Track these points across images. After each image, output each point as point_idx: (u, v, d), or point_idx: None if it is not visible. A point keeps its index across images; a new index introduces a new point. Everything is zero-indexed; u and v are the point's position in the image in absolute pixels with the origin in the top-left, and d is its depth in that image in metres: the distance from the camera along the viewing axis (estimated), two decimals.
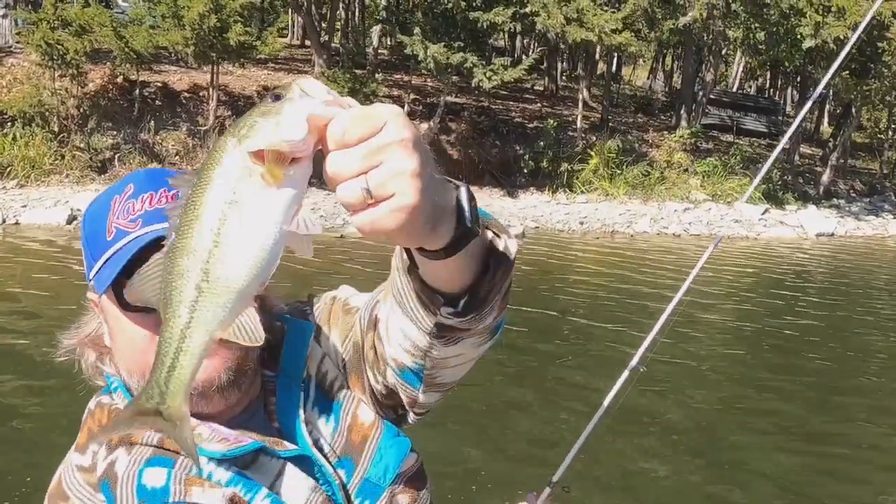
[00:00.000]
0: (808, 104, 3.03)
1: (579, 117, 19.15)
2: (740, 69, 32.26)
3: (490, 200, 17.23)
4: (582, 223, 15.99)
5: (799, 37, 16.54)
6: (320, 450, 1.02)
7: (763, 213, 17.84)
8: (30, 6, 17.43)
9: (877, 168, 24.38)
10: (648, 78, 33.60)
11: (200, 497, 0.91)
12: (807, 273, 13.16)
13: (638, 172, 18.26)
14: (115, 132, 15.25)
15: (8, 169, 13.93)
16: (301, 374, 1.06)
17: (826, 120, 32.00)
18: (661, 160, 18.97)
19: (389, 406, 1.07)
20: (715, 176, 18.74)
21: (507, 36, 29.85)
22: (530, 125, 19.67)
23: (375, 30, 18.78)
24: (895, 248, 17.33)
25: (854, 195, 21.57)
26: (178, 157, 15.53)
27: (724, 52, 25.21)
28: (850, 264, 14.55)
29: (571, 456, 1.62)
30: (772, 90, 35.04)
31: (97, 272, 0.96)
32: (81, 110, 15.05)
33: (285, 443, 0.99)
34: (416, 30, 15.74)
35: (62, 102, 14.81)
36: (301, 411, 1.03)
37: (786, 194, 19.31)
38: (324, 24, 21.58)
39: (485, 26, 15.92)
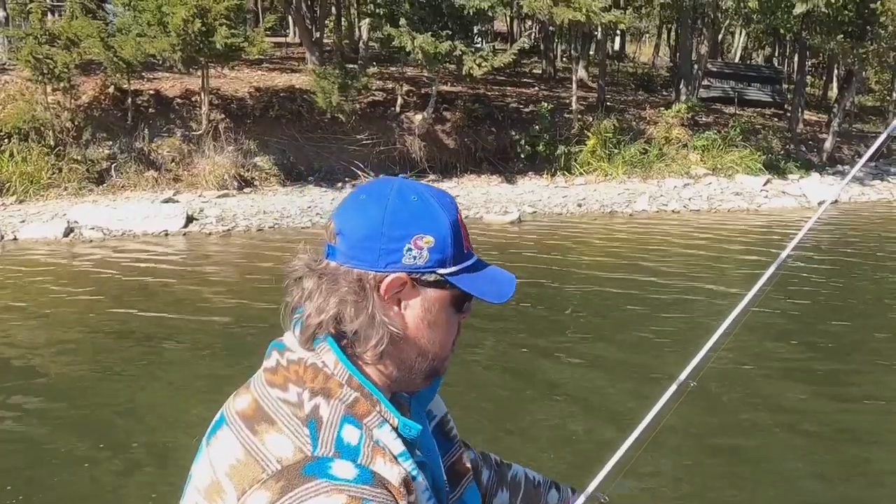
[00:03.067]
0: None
1: (574, 98, 19.03)
2: (742, 40, 31.83)
3: (488, 188, 17.21)
4: (580, 205, 15.92)
5: (789, 3, 16.27)
6: None
7: (764, 185, 17.65)
8: (20, 23, 17.56)
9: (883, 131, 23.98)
10: (653, 54, 33.29)
11: (381, 468, 0.98)
12: (804, 243, 12.99)
13: (636, 151, 18.13)
14: (110, 142, 15.39)
15: (7, 185, 14.11)
16: (426, 404, 1.23)
17: (835, 85, 31.59)
18: (660, 137, 18.81)
19: None
20: (714, 149, 18.56)
21: (508, 20, 29.76)
22: (526, 110, 19.59)
23: (365, 23, 18.75)
24: None
25: (859, 160, 21.23)
26: (173, 163, 15.64)
27: (725, 23, 24.90)
28: (850, 230, 14.37)
29: (610, 466, 1.53)
30: (781, 58, 34.59)
31: (456, 272, 1.06)
32: (76, 123, 15.20)
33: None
34: (402, 20, 15.67)
35: (56, 116, 14.96)
36: (428, 426, 1.20)
37: (788, 163, 19.08)
38: (315, 21, 21.58)
39: (471, 13, 15.82)
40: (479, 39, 23.48)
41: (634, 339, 7.36)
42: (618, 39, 34.20)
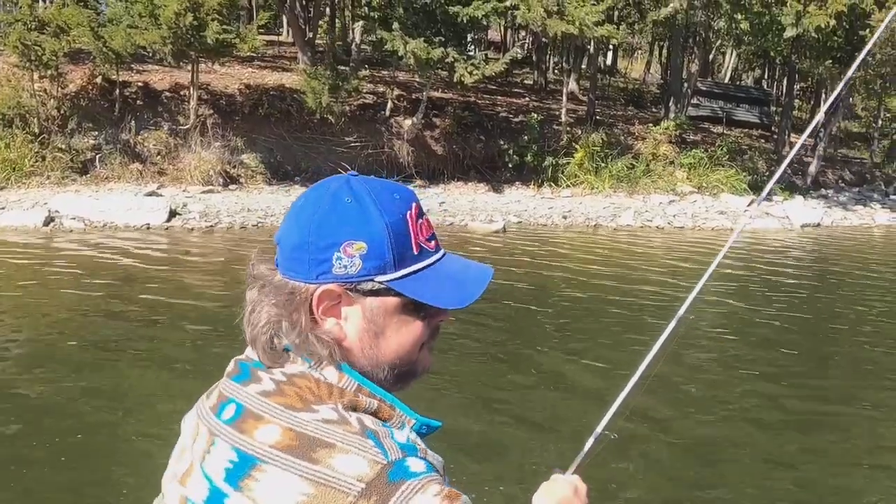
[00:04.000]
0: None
1: (563, 110, 19.10)
2: (732, 61, 32.10)
3: (474, 196, 17.22)
4: (565, 217, 15.95)
5: (780, 26, 16.43)
6: None
7: (749, 205, 17.77)
8: (10, 8, 17.41)
9: (868, 158, 24.29)
10: (644, 71, 33.51)
11: (433, 458, 0.97)
12: (782, 263, 13.11)
13: (623, 166, 18.21)
14: (96, 133, 15.27)
15: None
16: None
17: (823, 109, 31.88)
18: (647, 153, 18.90)
19: None
20: (701, 167, 18.67)
21: (502, 29, 29.86)
22: (515, 119, 19.63)
23: (358, 26, 18.74)
24: (880, 237, 17.23)
25: (843, 185, 21.48)
26: (159, 156, 15.54)
27: (717, 43, 25.11)
28: (829, 253, 14.51)
29: (617, 405, 1.63)
30: (770, 80, 34.93)
31: (399, 278, 0.99)
32: (62, 111, 15.07)
33: None
34: (395, 25, 15.67)
35: (42, 104, 14.83)
36: None
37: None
38: (309, 21, 21.55)
39: (465, 21, 15.84)
40: (473, 47, 23.56)
41: (605, 348, 7.37)
42: (610, 54, 34.41)
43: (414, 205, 1.02)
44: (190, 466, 1.01)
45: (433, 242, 1.03)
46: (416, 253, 1.00)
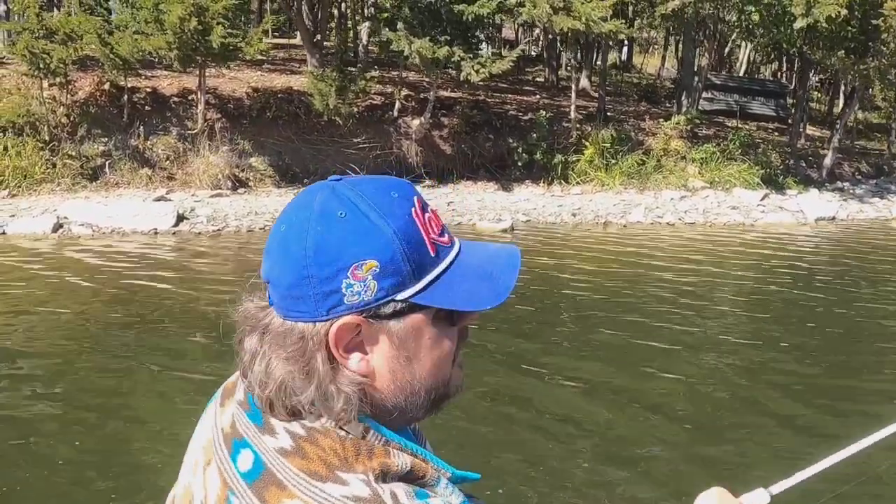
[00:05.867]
0: None
1: (573, 107, 18.97)
2: (747, 53, 31.74)
3: (483, 195, 17.15)
4: (574, 215, 15.84)
5: (791, 17, 16.19)
6: None
7: (762, 199, 17.53)
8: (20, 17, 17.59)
9: (886, 149, 23.91)
10: (659, 66, 33.22)
11: None
12: (794, 257, 12.91)
13: (633, 162, 18.05)
14: (105, 139, 15.39)
15: (0, 179, 14.12)
16: None
17: (841, 101, 31.45)
18: (658, 148, 18.72)
19: None
20: (713, 162, 18.46)
21: (515, 27, 29.75)
22: (525, 117, 19.53)
23: (365, 26, 18.74)
24: None
25: (860, 177, 21.13)
26: (168, 161, 15.63)
27: (732, 36, 24.83)
28: (843, 246, 14.28)
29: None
30: (788, 73, 34.49)
31: (422, 289, 0.86)
32: (71, 118, 15.20)
33: None
34: (400, 24, 15.66)
35: (52, 111, 14.97)
36: None
37: (786, 179, 18.96)
38: (317, 23, 21.59)
39: (470, 19, 15.78)
40: (485, 46, 23.48)
41: (613, 358, 7.29)
42: (625, 50, 34.18)
43: (416, 199, 0.88)
44: None
45: (446, 237, 0.90)
46: (433, 255, 0.87)
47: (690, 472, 4.86)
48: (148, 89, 16.48)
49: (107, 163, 15.16)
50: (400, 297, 0.84)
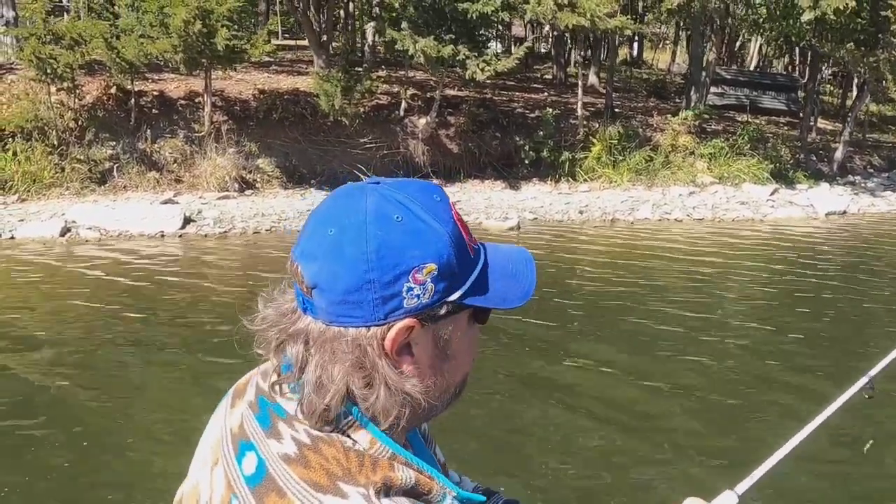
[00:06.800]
0: None
1: (580, 104, 18.89)
2: (757, 47, 31.49)
3: (490, 193, 17.12)
4: (581, 212, 15.77)
5: (798, 10, 16.03)
6: None
7: (771, 194, 17.38)
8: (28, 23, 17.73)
9: None
10: (670, 61, 33.04)
11: None
12: (805, 249, 12.79)
13: (641, 158, 17.94)
14: (113, 143, 15.48)
15: (9, 184, 14.24)
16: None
17: (854, 94, 31.13)
18: (666, 144, 18.60)
19: None
20: (722, 157, 18.32)
21: (524, 24, 29.68)
22: (532, 115, 19.47)
23: (370, 26, 18.74)
24: None
25: (871, 171, 20.91)
26: (175, 164, 15.71)
27: (743, 31, 24.62)
28: (854, 239, 14.14)
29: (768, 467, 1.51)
30: (801, 66, 34.20)
31: (469, 291, 0.88)
32: (79, 123, 15.30)
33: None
34: (405, 24, 15.64)
35: (60, 116, 15.08)
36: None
37: (796, 173, 18.79)
38: (323, 24, 21.62)
39: (475, 17, 15.74)
40: (494, 43, 23.41)
41: (626, 350, 7.26)
42: (636, 45, 34.03)
43: (451, 202, 0.90)
44: None
45: (474, 238, 0.92)
46: (472, 256, 0.89)
47: (700, 460, 4.83)
48: (155, 92, 16.57)
49: (115, 166, 15.26)
50: (451, 298, 0.86)
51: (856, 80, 30.51)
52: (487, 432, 5.29)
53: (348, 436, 0.85)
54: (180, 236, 12.89)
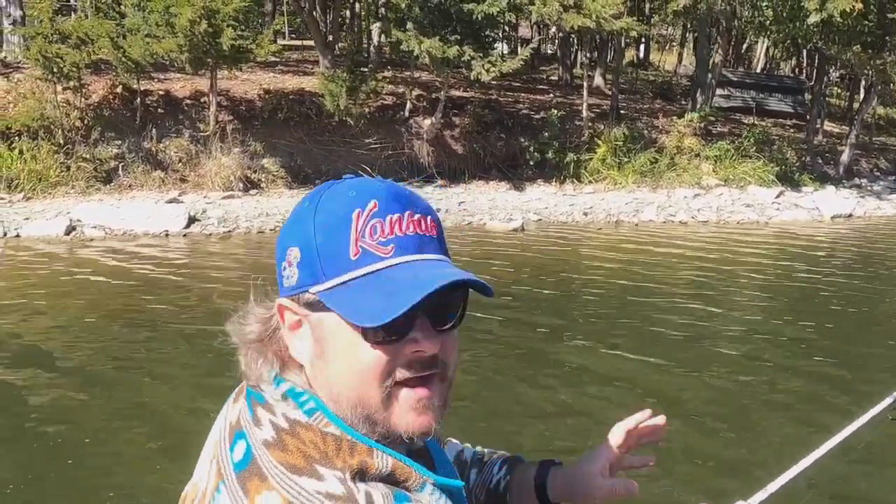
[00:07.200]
0: None
1: (584, 106, 18.87)
2: (764, 49, 31.41)
3: (495, 194, 17.10)
4: (586, 214, 15.75)
5: (805, 12, 16.00)
6: None
7: (777, 197, 17.34)
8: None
9: None
10: (676, 63, 33.00)
11: None
12: (807, 255, 12.75)
13: (646, 160, 17.91)
14: (118, 142, 15.52)
15: (15, 182, 14.28)
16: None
17: (861, 96, 31.04)
18: (671, 146, 18.57)
19: None
20: (727, 159, 18.28)
21: (531, 25, 29.67)
22: (537, 116, 19.46)
23: (376, 27, 18.76)
24: None
25: (878, 174, 20.84)
26: (181, 163, 15.74)
27: (750, 33, 24.57)
28: (860, 243, 14.08)
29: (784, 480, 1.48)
30: (808, 69, 34.12)
31: (331, 289, 0.84)
32: (85, 122, 15.35)
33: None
34: (410, 24, 15.65)
35: (66, 115, 15.12)
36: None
37: (802, 175, 18.74)
38: (329, 25, 21.64)
39: (480, 18, 15.74)
40: (500, 44, 23.41)
41: (623, 356, 7.24)
42: (642, 47, 33.97)
43: (373, 202, 0.84)
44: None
45: (390, 247, 0.84)
46: (353, 258, 0.83)
47: (708, 465, 4.81)
48: (160, 92, 16.61)
49: (120, 165, 15.29)
50: (313, 290, 0.85)
51: (863, 83, 30.49)
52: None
53: (325, 423, 0.86)
54: (185, 236, 12.90)
